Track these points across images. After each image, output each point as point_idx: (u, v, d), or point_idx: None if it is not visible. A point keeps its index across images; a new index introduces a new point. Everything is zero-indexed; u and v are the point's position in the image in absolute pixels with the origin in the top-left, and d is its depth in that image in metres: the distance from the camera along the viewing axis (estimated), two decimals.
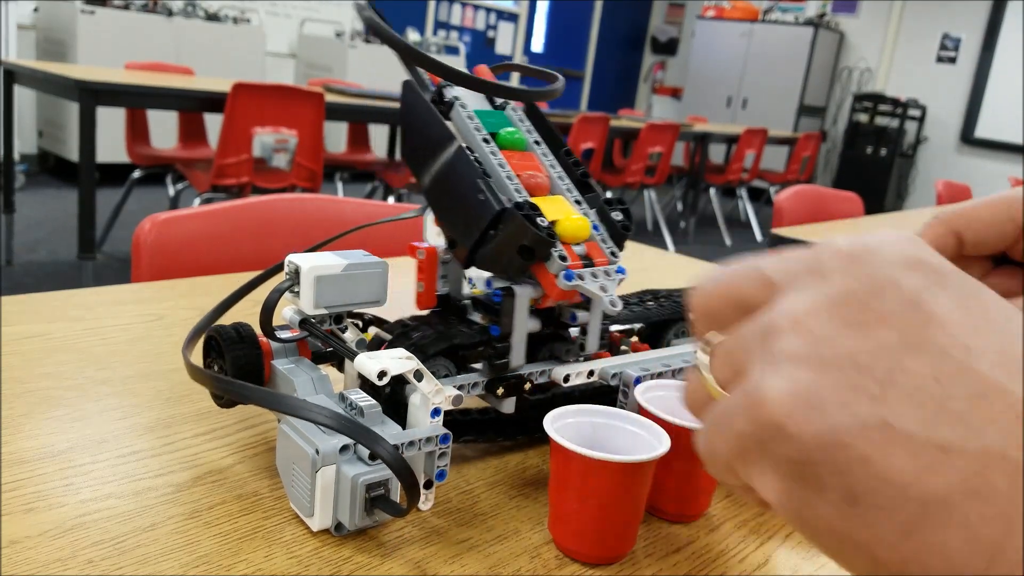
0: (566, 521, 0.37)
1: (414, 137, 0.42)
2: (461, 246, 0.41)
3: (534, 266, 0.40)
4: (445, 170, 0.40)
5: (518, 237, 0.38)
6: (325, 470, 0.35)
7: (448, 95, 0.43)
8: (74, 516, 0.36)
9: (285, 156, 2.77)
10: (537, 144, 0.45)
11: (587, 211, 0.43)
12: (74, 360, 0.53)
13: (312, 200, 0.96)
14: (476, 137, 0.42)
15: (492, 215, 0.38)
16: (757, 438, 0.19)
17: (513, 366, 0.42)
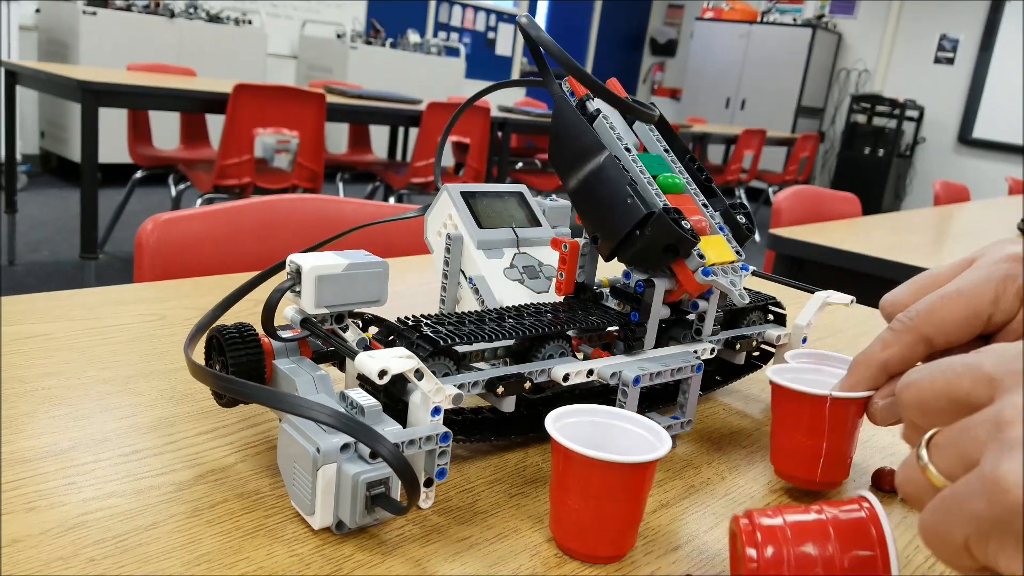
0: (567, 520, 0.37)
1: (564, 144, 0.47)
2: (605, 242, 0.46)
3: (674, 262, 0.46)
4: (593, 175, 0.46)
5: (665, 237, 0.44)
6: (326, 468, 0.35)
7: (590, 108, 0.49)
8: (76, 515, 0.36)
9: (286, 157, 2.77)
10: (667, 152, 0.50)
11: (713, 214, 0.49)
12: (76, 360, 0.53)
13: (313, 200, 0.96)
14: (619, 146, 0.47)
15: (640, 217, 0.44)
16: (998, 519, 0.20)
17: (647, 347, 0.48)
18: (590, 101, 0.49)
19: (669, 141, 0.51)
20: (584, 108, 0.49)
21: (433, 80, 5.64)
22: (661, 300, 0.47)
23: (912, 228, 1.71)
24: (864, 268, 1.30)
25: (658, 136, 0.51)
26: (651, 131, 0.51)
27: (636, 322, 0.47)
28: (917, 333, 0.36)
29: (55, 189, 4.12)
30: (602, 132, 0.48)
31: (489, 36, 6.98)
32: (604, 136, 0.47)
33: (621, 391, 0.45)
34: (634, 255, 0.45)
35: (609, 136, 0.47)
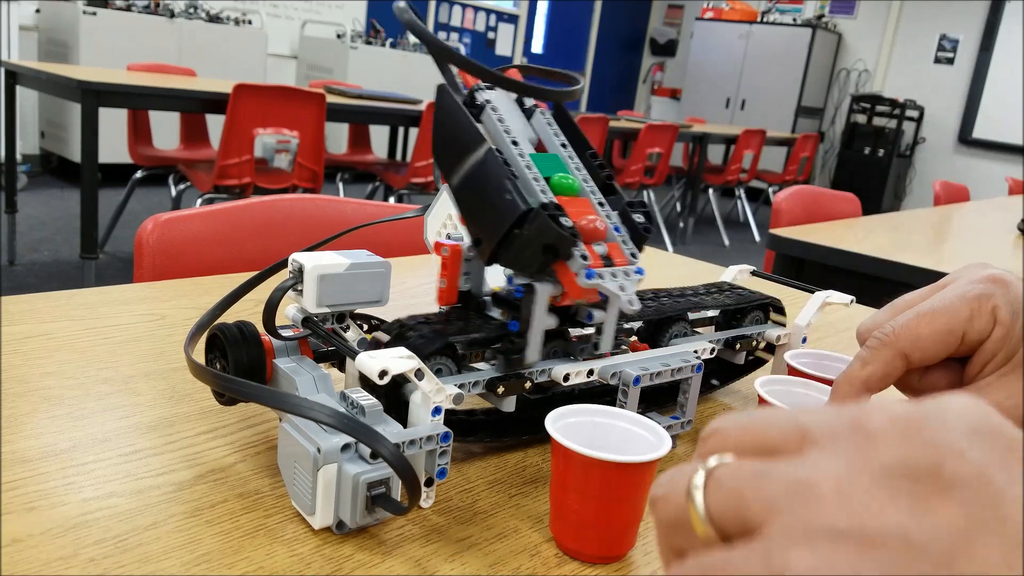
0: (567, 520, 0.37)
1: (445, 138, 0.43)
2: (486, 244, 0.42)
3: (556, 264, 0.41)
4: (474, 170, 0.42)
5: (542, 236, 0.40)
6: (326, 468, 0.35)
7: (480, 99, 0.45)
8: (76, 515, 0.36)
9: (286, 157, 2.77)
10: (564, 147, 0.46)
11: (610, 213, 0.44)
12: (76, 359, 0.53)
13: (313, 200, 0.96)
14: (505, 139, 0.43)
15: (518, 214, 0.40)
16: None
17: (528, 361, 0.43)
18: (481, 92, 0.45)
19: (569, 135, 0.47)
20: (473, 100, 0.45)
21: (433, 80, 5.63)
22: (544, 308, 0.43)
23: (912, 228, 1.71)
24: (864, 268, 1.30)
25: (557, 130, 0.47)
26: (549, 125, 0.47)
27: (515, 332, 0.43)
28: (894, 348, 0.36)
29: (55, 189, 4.12)
30: (489, 125, 0.44)
31: (489, 36, 6.97)
32: (490, 128, 0.44)
33: (621, 391, 0.45)
34: (513, 258, 0.41)
35: (495, 128, 0.43)
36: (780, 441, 0.19)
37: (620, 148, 4.94)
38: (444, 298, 0.46)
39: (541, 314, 0.43)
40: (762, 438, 0.20)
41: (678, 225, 5.16)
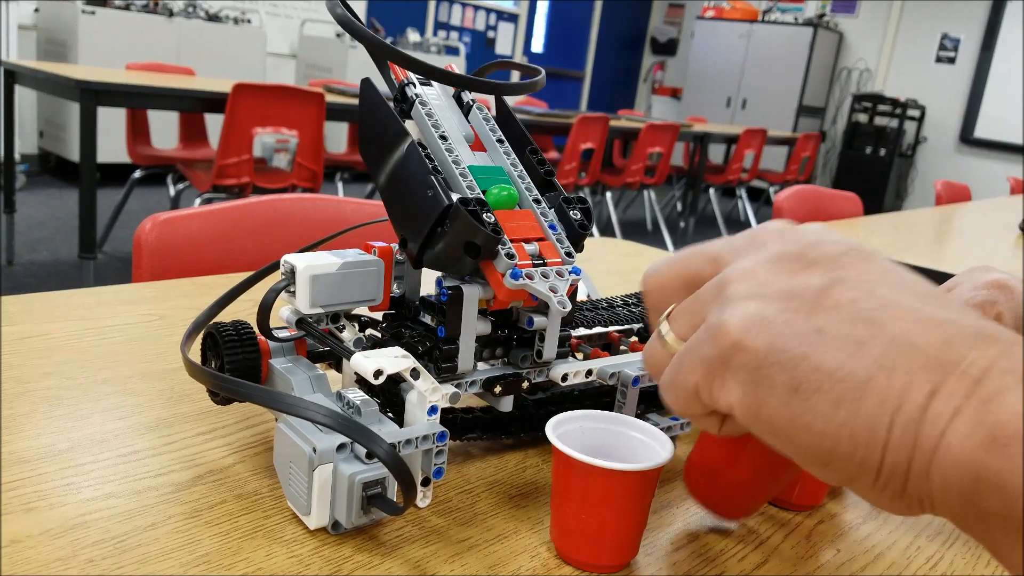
0: (567, 529, 0.37)
1: (370, 134, 0.41)
2: (411, 244, 0.39)
3: (483, 265, 0.39)
4: (398, 167, 0.39)
5: (464, 234, 0.37)
6: (322, 468, 0.35)
7: (410, 93, 0.42)
8: (75, 515, 0.36)
9: (286, 156, 2.77)
10: (500, 143, 0.44)
11: (546, 210, 0.42)
12: (75, 360, 0.53)
13: (312, 200, 0.96)
14: (433, 134, 0.41)
15: (440, 211, 0.37)
16: (721, 357, 0.25)
17: (461, 369, 0.41)
18: (411, 88, 0.43)
19: (510, 131, 0.45)
20: (404, 95, 0.43)
21: None
22: (474, 312, 0.40)
23: (914, 228, 1.71)
24: None
25: (494, 126, 0.45)
26: (486, 121, 0.45)
27: (443, 338, 0.40)
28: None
29: (54, 189, 4.12)
30: (418, 120, 0.42)
31: (489, 35, 6.97)
32: (419, 124, 0.41)
33: (620, 392, 0.45)
34: (439, 258, 0.39)
35: (423, 123, 0.41)
36: (700, 267, 0.28)
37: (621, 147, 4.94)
38: (375, 305, 0.44)
39: (471, 319, 0.40)
40: (687, 267, 0.29)
41: (679, 225, 5.16)
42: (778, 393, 0.24)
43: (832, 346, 0.23)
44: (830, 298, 0.24)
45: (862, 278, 0.25)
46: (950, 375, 0.22)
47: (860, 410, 0.23)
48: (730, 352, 0.25)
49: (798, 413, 0.24)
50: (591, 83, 7.83)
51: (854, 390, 0.23)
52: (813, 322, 0.24)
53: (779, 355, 0.24)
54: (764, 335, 0.24)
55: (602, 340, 0.51)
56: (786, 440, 0.24)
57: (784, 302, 0.25)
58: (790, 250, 0.26)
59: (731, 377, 0.25)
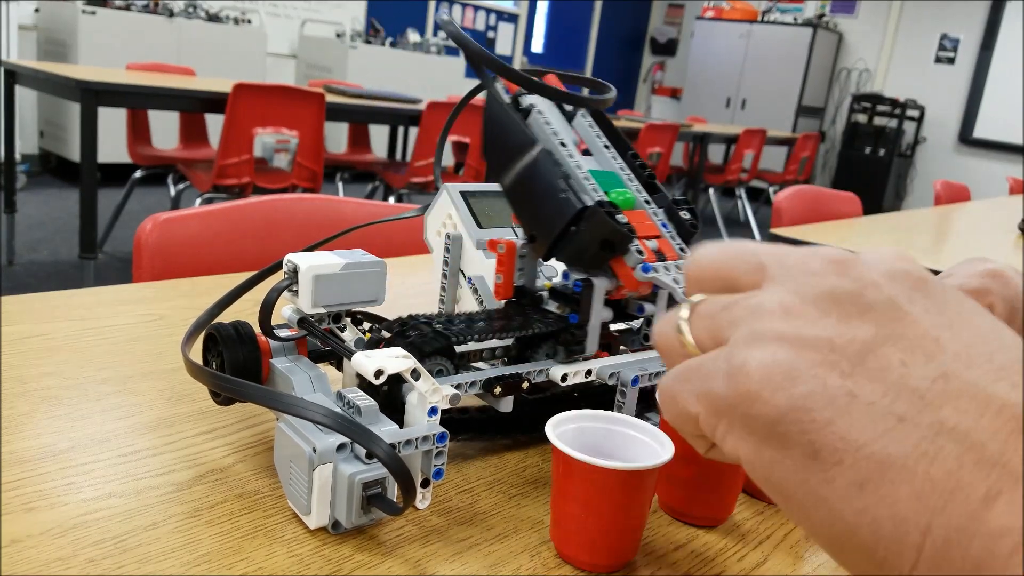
0: (568, 529, 0.37)
1: (496, 141, 0.45)
2: (541, 241, 0.44)
3: (612, 259, 0.43)
4: (527, 171, 0.44)
5: (600, 232, 0.42)
6: (322, 468, 0.35)
7: (524, 103, 0.47)
8: (75, 515, 0.36)
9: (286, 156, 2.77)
10: (606, 148, 0.48)
11: (656, 210, 0.46)
12: (75, 360, 0.53)
13: (313, 200, 0.96)
14: (554, 141, 0.45)
15: (574, 212, 0.42)
16: (732, 402, 0.22)
17: (588, 352, 0.46)
18: (524, 97, 0.47)
19: (610, 136, 0.49)
20: (517, 104, 0.47)
21: (433, 80, 5.63)
22: (601, 301, 0.45)
23: (913, 228, 1.71)
24: None
25: (599, 132, 0.49)
26: (591, 127, 0.49)
27: (575, 325, 0.45)
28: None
29: (54, 189, 4.12)
30: (536, 128, 0.46)
31: (489, 35, 6.97)
32: (538, 132, 0.46)
33: (620, 392, 0.45)
34: (571, 253, 0.43)
35: (543, 131, 0.46)
36: (742, 274, 0.24)
37: None
38: (501, 293, 0.48)
39: (599, 307, 0.45)
40: (728, 272, 0.25)
41: None
42: (794, 455, 0.20)
43: (865, 416, 0.20)
44: (877, 358, 0.20)
45: (925, 336, 0.20)
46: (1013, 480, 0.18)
47: (888, 498, 0.19)
48: (746, 401, 0.21)
49: (814, 484, 0.20)
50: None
51: (883, 472, 0.19)
52: (849, 384, 0.20)
53: (801, 414, 0.20)
54: (787, 390, 0.21)
55: (602, 340, 0.52)
56: (799, 510, 0.21)
57: (821, 353, 0.21)
58: (845, 288, 0.22)
59: (742, 427, 0.22)
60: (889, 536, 0.19)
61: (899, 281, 0.22)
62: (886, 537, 0.19)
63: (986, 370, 0.20)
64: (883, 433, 0.19)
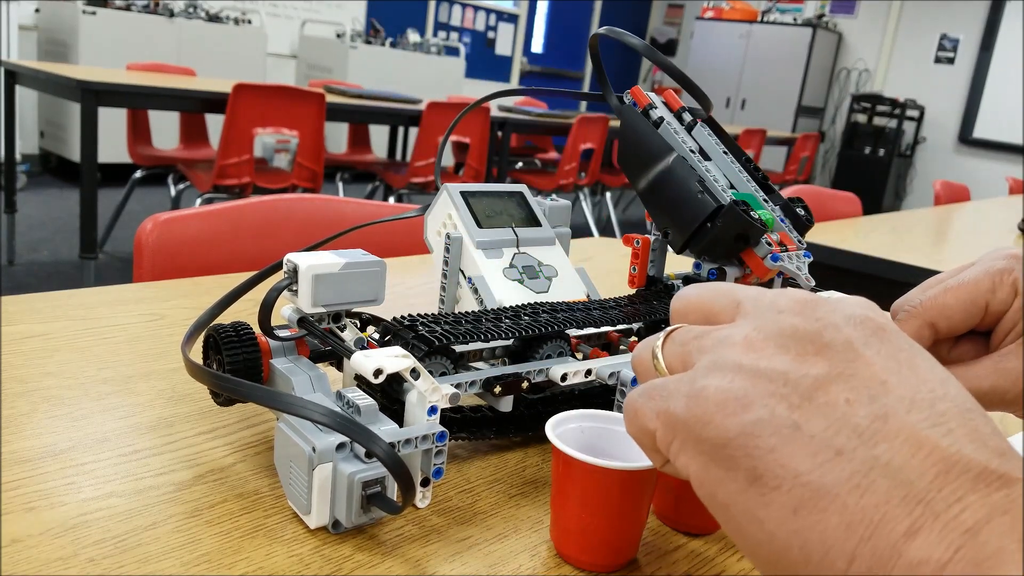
0: (567, 528, 0.37)
1: (633, 149, 0.52)
2: (677, 236, 0.50)
3: (743, 251, 0.49)
4: (663, 175, 0.50)
5: (736, 227, 0.47)
6: (322, 468, 0.35)
7: (654, 115, 0.53)
8: (75, 515, 0.36)
9: (286, 156, 2.77)
10: (725, 154, 0.54)
11: (773, 208, 0.52)
12: (75, 359, 0.53)
13: (313, 200, 0.96)
14: (684, 148, 0.51)
15: (711, 210, 0.48)
16: (688, 423, 0.23)
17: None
18: (653, 110, 0.53)
19: (726, 144, 0.54)
20: (648, 117, 0.53)
21: (433, 80, 5.64)
22: None
23: (913, 228, 1.71)
24: (865, 268, 1.30)
25: (717, 140, 0.54)
26: (709, 136, 0.54)
27: None
28: (922, 319, 0.38)
29: (55, 189, 4.12)
30: (667, 137, 0.51)
31: (489, 36, 6.97)
32: (670, 140, 0.51)
33: (619, 391, 0.45)
34: (705, 246, 0.49)
35: (674, 140, 0.51)
36: (720, 309, 0.27)
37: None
38: (635, 282, 0.55)
39: None
40: (708, 306, 0.27)
41: None
42: (738, 477, 0.22)
43: (807, 447, 0.21)
44: (825, 394, 0.22)
45: (874, 377, 0.22)
46: (934, 517, 0.19)
47: (818, 524, 0.20)
48: (700, 423, 0.23)
49: (753, 505, 0.22)
50: (591, 83, 7.83)
51: (817, 500, 0.20)
52: (796, 416, 0.22)
53: (748, 440, 0.22)
54: (739, 416, 0.22)
55: (601, 340, 0.52)
56: (737, 529, 0.23)
57: (774, 385, 0.22)
58: (806, 327, 0.23)
59: (694, 446, 0.23)
60: (818, 560, 0.20)
61: (859, 325, 0.24)
62: (815, 561, 0.20)
63: (926, 415, 0.21)
64: (821, 464, 0.21)
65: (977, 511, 0.19)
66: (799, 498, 0.21)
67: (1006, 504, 0.19)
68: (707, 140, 0.54)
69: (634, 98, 0.54)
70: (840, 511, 0.20)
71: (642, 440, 0.26)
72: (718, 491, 0.23)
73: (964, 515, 0.19)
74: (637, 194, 0.52)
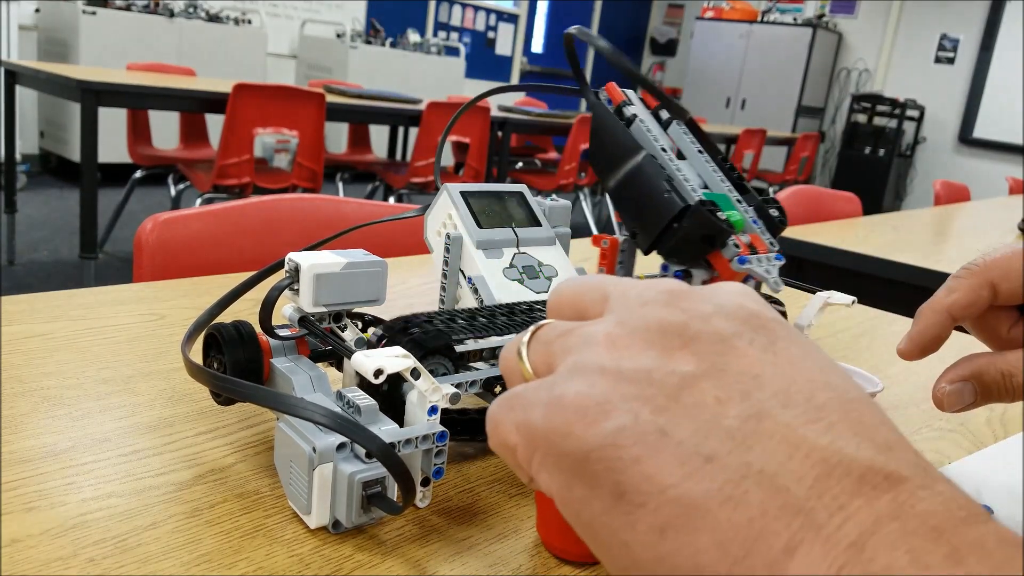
0: (552, 521, 0.37)
1: (603, 147, 0.50)
2: (644, 236, 0.49)
3: (710, 253, 0.47)
4: (632, 174, 0.48)
5: (702, 228, 0.46)
6: (322, 468, 0.35)
7: (628, 112, 0.51)
8: (75, 515, 0.36)
9: (286, 156, 2.77)
10: (700, 153, 0.52)
11: (747, 209, 0.50)
12: (75, 359, 0.53)
13: (313, 200, 0.96)
14: (656, 147, 0.49)
15: (678, 210, 0.46)
16: (546, 435, 0.20)
17: None
18: (627, 107, 0.52)
19: (701, 142, 0.53)
20: (621, 114, 0.51)
21: (433, 80, 5.64)
22: None
23: (913, 228, 1.71)
24: (865, 268, 1.30)
25: (692, 139, 0.53)
26: (685, 134, 0.53)
27: None
28: (983, 277, 0.36)
29: (55, 189, 4.13)
30: (639, 135, 0.50)
31: (489, 36, 6.97)
32: (641, 138, 0.50)
33: None
34: (672, 247, 0.48)
35: (646, 138, 0.50)
36: (590, 303, 0.24)
37: None
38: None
39: None
40: (579, 301, 0.25)
41: None
42: (602, 495, 0.19)
43: (673, 456, 0.18)
44: (693, 393, 0.19)
45: (746, 372, 0.20)
46: (814, 530, 0.17)
47: (689, 546, 0.18)
48: (558, 435, 0.20)
49: (617, 527, 0.19)
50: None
51: (686, 517, 0.18)
52: (661, 420, 0.19)
53: (610, 451, 0.19)
54: (599, 425, 0.19)
55: None
56: (605, 554, 0.20)
57: (638, 387, 0.20)
58: (672, 320, 0.21)
59: (554, 463, 0.20)
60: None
61: (731, 316, 0.21)
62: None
63: (803, 410, 0.19)
64: (689, 474, 0.18)
65: (862, 520, 0.16)
66: (667, 516, 0.18)
67: (893, 509, 0.16)
68: (682, 139, 0.53)
69: (608, 94, 0.53)
70: (712, 529, 0.17)
71: (505, 456, 0.22)
72: (582, 512, 0.20)
73: (847, 526, 0.16)
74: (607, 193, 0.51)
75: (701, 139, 0.53)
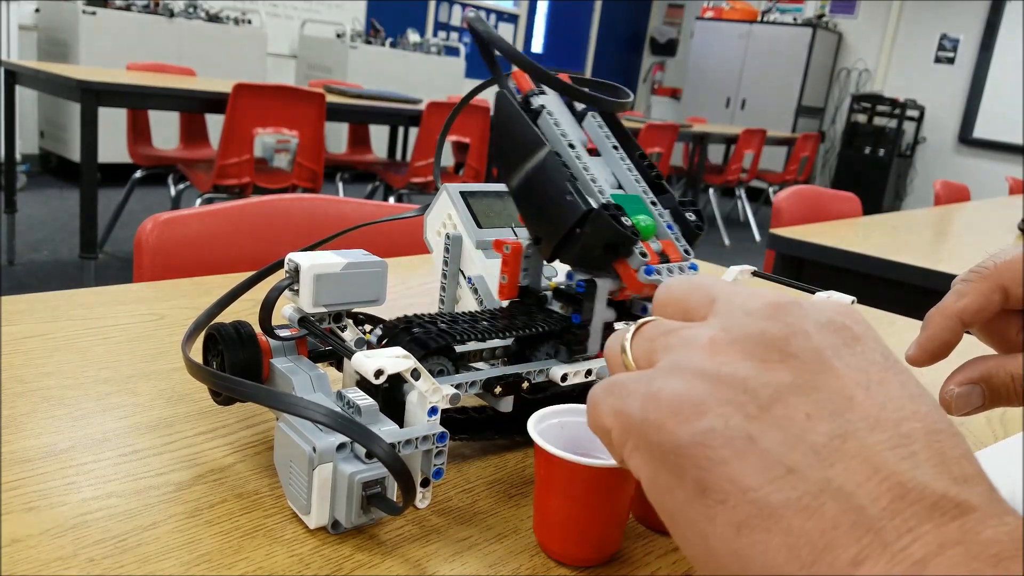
0: (550, 524, 0.37)
1: (505, 141, 0.45)
2: (547, 242, 0.44)
3: (616, 261, 0.43)
4: (534, 172, 0.43)
5: (604, 235, 0.41)
6: (322, 468, 0.35)
7: (535, 103, 0.46)
8: (75, 515, 0.36)
9: (286, 156, 2.77)
10: (615, 149, 0.48)
11: (662, 211, 0.46)
12: (75, 360, 0.53)
13: (313, 200, 0.96)
14: (563, 143, 0.45)
15: (579, 214, 0.41)
16: (641, 425, 0.22)
17: (590, 352, 0.45)
18: (535, 97, 0.46)
19: (619, 137, 0.49)
20: (528, 105, 0.46)
21: (433, 80, 5.64)
22: (604, 302, 0.45)
23: (913, 228, 1.71)
24: (865, 268, 1.30)
25: (608, 133, 0.48)
26: (600, 128, 0.48)
27: (577, 325, 0.45)
28: (994, 281, 0.36)
29: (55, 189, 4.13)
30: (545, 129, 0.45)
31: None
32: (547, 133, 0.45)
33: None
34: (575, 255, 0.43)
35: (552, 133, 0.45)
36: (696, 306, 0.25)
37: None
38: (505, 293, 0.48)
39: (601, 308, 0.45)
40: (686, 302, 0.26)
41: None
42: (686, 487, 0.21)
43: (758, 462, 0.20)
44: (784, 407, 0.21)
45: (839, 392, 0.21)
46: (882, 547, 0.18)
47: (760, 544, 0.19)
48: (653, 427, 0.22)
49: (698, 518, 0.21)
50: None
51: (760, 519, 0.19)
52: (751, 427, 0.20)
53: (699, 450, 0.21)
54: (692, 424, 0.21)
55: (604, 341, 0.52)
56: (682, 539, 0.22)
57: (732, 392, 0.21)
58: (774, 333, 0.22)
59: (645, 451, 0.22)
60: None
61: (831, 333, 0.22)
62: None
63: (889, 435, 0.20)
64: (770, 481, 0.20)
65: (929, 543, 0.18)
66: (744, 515, 0.20)
67: (959, 535, 0.18)
68: (596, 132, 0.48)
69: (515, 82, 0.47)
70: (784, 533, 0.19)
71: (600, 436, 0.25)
72: (666, 499, 0.22)
73: (914, 547, 0.18)
74: (511, 194, 0.45)
75: (617, 133, 0.48)
